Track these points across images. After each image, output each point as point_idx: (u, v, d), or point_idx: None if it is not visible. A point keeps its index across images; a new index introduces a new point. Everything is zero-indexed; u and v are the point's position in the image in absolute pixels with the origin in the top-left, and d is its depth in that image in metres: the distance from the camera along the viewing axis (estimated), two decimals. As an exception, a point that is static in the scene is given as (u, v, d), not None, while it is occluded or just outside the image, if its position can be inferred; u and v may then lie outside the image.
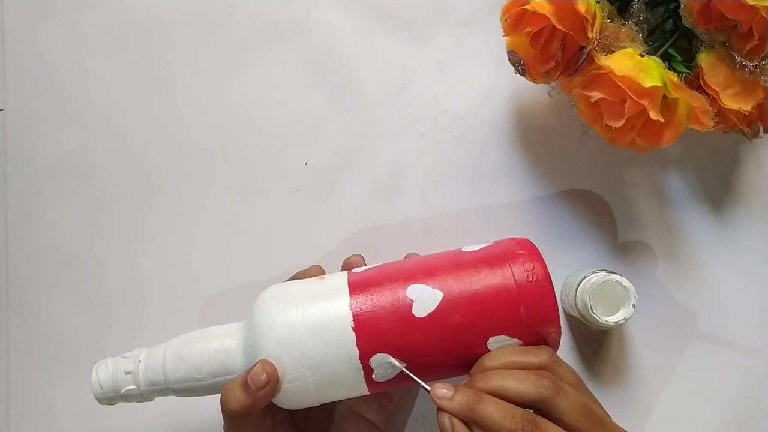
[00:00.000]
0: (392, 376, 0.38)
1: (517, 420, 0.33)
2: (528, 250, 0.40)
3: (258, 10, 0.55)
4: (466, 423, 0.35)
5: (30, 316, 0.54)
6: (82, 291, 0.54)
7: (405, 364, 0.38)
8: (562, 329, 0.50)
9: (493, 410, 0.34)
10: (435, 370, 0.39)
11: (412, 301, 0.38)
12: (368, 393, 0.39)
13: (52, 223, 0.54)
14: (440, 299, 0.38)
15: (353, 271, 0.42)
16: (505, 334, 0.38)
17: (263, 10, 0.55)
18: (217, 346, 0.40)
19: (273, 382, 0.37)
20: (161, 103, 0.55)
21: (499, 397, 0.35)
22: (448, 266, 0.40)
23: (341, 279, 0.40)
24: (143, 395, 0.41)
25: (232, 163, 0.54)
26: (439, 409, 0.35)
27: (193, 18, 0.55)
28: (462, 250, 0.42)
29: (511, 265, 0.39)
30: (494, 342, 0.38)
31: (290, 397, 0.39)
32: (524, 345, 0.38)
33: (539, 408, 0.35)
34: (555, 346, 0.39)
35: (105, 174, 0.54)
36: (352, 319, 0.38)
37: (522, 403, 0.34)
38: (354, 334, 0.38)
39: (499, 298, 0.38)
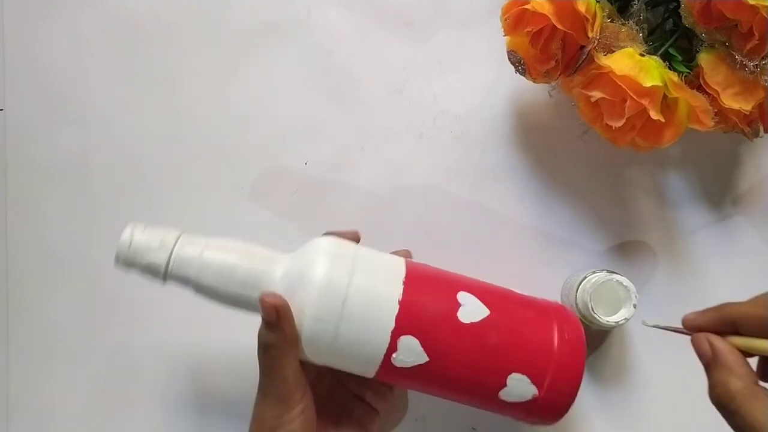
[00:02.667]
0: (408, 366, 0.38)
1: None
2: (575, 322, 0.41)
3: (258, 10, 0.55)
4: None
5: (30, 316, 0.54)
6: (82, 291, 0.54)
7: (428, 359, 0.38)
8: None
9: None
10: (448, 382, 0.39)
11: (461, 305, 0.39)
12: (375, 374, 0.39)
13: (52, 223, 0.54)
14: (486, 315, 0.39)
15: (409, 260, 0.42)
16: (528, 376, 0.38)
17: (263, 10, 0.55)
18: (258, 264, 0.39)
19: (283, 307, 0.37)
20: (161, 103, 0.55)
21: None
22: (501, 294, 0.41)
23: (399, 259, 0.41)
24: (164, 273, 0.39)
25: (232, 163, 0.54)
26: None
27: (193, 18, 0.55)
28: (512, 289, 0.43)
29: (558, 324, 0.40)
30: (514, 378, 0.38)
31: (307, 337, 0.38)
32: (539, 395, 0.39)
33: None
34: (561, 409, 0.39)
35: (105, 174, 0.54)
36: (402, 293, 0.38)
37: None
38: (398, 306, 0.38)
39: (538, 343, 0.39)
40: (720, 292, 0.50)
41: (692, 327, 0.33)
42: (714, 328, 0.32)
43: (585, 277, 0.46)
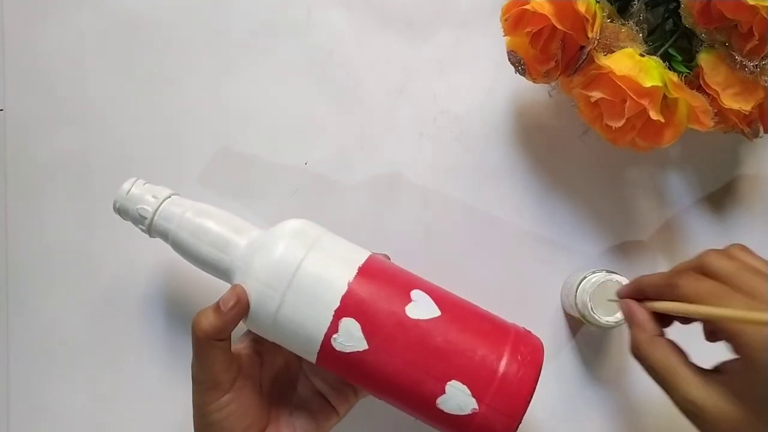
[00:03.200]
0: (347, 351, 0.38)
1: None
2: (534, 346, 0.40)
3: (258, 10, 0.55)
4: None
5: (30, 315, 0.54)
6: (82, 291, 0.54)
7: (367, 347, 0.38)
8: (558, 335, 0.50)
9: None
10: (385, 376, 0.38)
11: (412, 301, 0.39)
12: (316, 357, 0.39)
13: (52, 223, 0.54)
14: (436, 316, 0.39)
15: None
16: (468, 387, 0.37)
17: (263, 10, 0.55)
18: (229, 231, 0.42)
19: (242, 303, 0.38)
20: (161, 103, 0.55)
21: None
22: (461, 304, 0.41)
23: (365, 250, 0.42)
24: (149, 224, 0.43)
25: (232, 163, 0.54)
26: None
27: (193, 18, 0.55)
28: (483, 308, 0.42)
29: (513, 344, 0.39)
30: (453, 386, 0.37)
31: (254, 302, 0.39)
32: (478, 410, 0.37)
33: None
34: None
35: (105, 174, 0.54)
36: (354, 277, 0.39)
37: None
38: (347, 287, 0.38)
39: (485, 356, 0.38)
40: (720, 292, 0.50)
41: (621, 296, 0.39)
42: (635, 296, 0.38)
43: (585, 277, 0.46)
